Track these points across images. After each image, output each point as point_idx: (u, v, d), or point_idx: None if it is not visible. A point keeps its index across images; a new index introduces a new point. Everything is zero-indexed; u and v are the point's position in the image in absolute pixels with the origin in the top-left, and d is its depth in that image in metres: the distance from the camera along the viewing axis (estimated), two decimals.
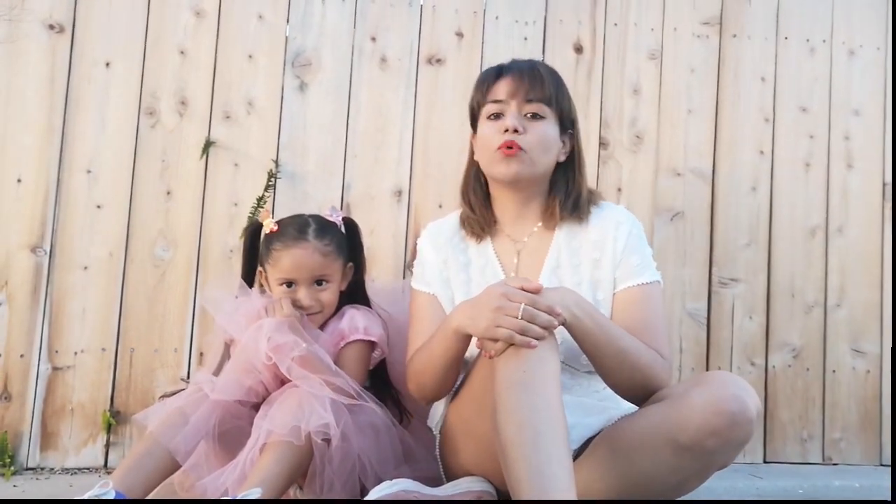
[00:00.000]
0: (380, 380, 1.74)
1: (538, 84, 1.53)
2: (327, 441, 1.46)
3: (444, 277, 1.61)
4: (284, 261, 1.68)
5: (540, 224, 1.60)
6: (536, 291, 1.30)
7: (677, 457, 1.28)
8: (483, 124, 1.57)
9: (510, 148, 1.50)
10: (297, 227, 1.71)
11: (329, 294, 1.71)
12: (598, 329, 1.37)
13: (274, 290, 1.71)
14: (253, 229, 1.78)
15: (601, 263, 1.55)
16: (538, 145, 1.52)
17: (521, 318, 1.26)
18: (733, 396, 1.24)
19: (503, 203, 1.62)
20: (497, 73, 1.57)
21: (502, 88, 1.54)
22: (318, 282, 1.70)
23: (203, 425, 1.49)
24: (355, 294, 1.79)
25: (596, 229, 1.57)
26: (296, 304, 1.67)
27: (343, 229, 1.78)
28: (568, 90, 1.59)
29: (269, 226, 1.72)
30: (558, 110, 1.55)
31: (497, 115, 1.54)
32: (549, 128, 1.54)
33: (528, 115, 1.53)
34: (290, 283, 1.69)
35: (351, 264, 1.78)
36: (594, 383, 1.52)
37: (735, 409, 1.23)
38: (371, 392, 1.66)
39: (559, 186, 1.59)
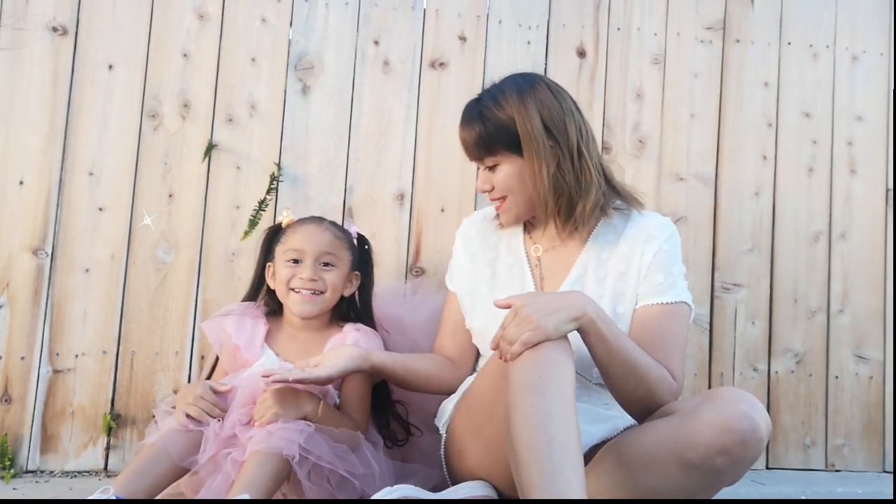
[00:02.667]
0: (381, 398, 1.72)
1: (473, 145, 1.56)
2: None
3: (468, 270, 1.67)
4: (296, 235, 1.71)
5: (570, 233, 1.58)
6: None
7: (685, 474, 1.26)
8: None
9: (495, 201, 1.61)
10: (314, 216, 1.79)
11: (334, 277, 1.69)
12: (611, 336, 1.36)
13: (279, 273, 1.70)
14: (273, 230, 1.79)
15: (626, 277, 1.53)
16: (508, 190, 1.56)
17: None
18: (744, 415, 1.23)
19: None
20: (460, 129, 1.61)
21: (466, 151, 1.61)
22: (325, 264, 1.69)
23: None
24: (360, 312, 1.78)
25: (627, 241, 1.56)
26: (300, 279, 1.67)
27: (355, 241, 1.79)
28: (516, 111, 1.50)
29: (287, 218, 1.77)
30: (503, 147, 1.53)
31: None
32: (510, 169, 1.54)
33: (489, 168, 1.57)
34: (296, 261, 1.68)
35: (357, 273, 1.77)
36: (604, 396, 1.51)
37: (745, 427, 1.22)
38: (372, 411, 1.67)
39: (558, 201, 1.54)
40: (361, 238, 1.82)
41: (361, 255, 1.79)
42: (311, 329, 1.72)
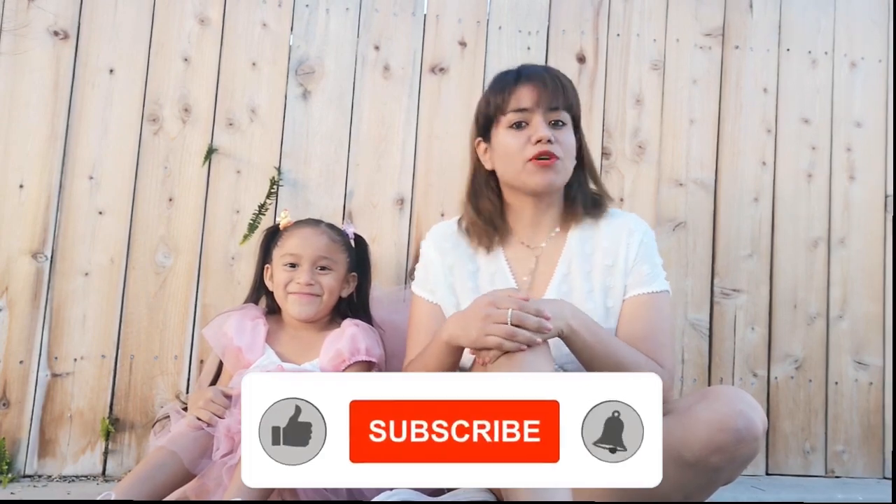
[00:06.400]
0: None
1: (560, 92, 1.52)
2: None
3: (448, 283, 1.58)
4: (292, 239, 1.72)
5: (558, 229, 1.58)
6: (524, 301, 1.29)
7: (681, 472, 1.26)
8: (504, 133, 1.52)
9: (547, 158, 1.49)
10: (311, 219, 1.80)
11: (331, 280, 1.71)
12: (595, 341, 1.36)
13: (276, 277, 1.71)
14: (271, 231, 1.81)
15: (613, 271, 1.53)
16: (567, 152, 1.52)
17: (511, 324, 1.25)
18: (740, 413, 1.23)
19: (519, 211, 1.58)
20: (516, 78, 1.54)
21: (526, 96, 1.50)
22: (321, 268, 1.71)
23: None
24: (358, 310, 1.79)
25: (608, 236, 1.56)
26: (296, 283, 1.68)
27: (353, 242, 1.80)
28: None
29: (285, 220, 1.78)
30: (574, 115, 1.56)
31: (520, 125, 1.51)
32: (570, 134, 1.54)
33: (552, 123, 1.51)
34: (293, 265, 1.70)
35: (354, 274, 1.78)
36: None
37: (741, 425, 1.22)
38: None
39: (574, 187, 1.58)
40: (358, 238, 1.83)
41: (359, 255, 1.81)
42: (311, 327, 1.73)
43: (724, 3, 2.30)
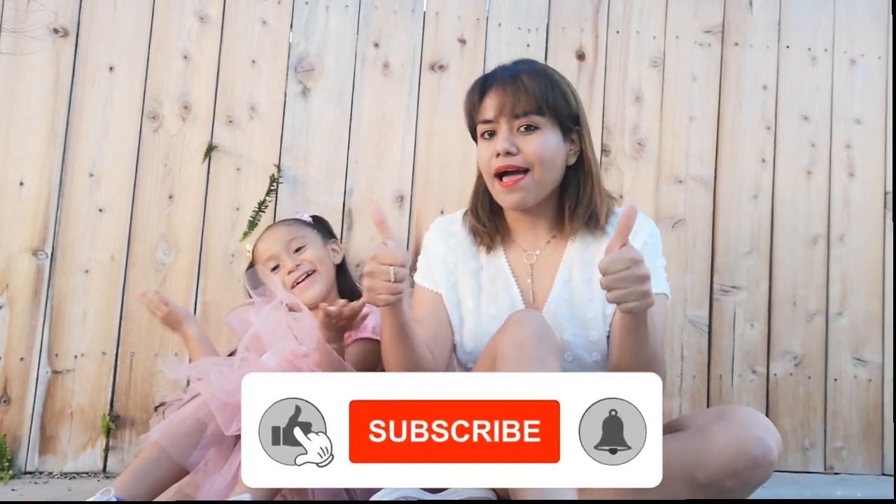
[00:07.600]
0: None
1: (522, 96, 1.41)
2: None
3: (451, 281, 1.53)
4: (259, 247, 1.80)
5: (554, 235, 1.52)
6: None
7: (692, 493, 1.25)
8: (480, 143, 1.48)
9: (512, 175, 1.42)
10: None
11: (312, 252, 1.77)
12: (652, 328, 1.33)
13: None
14: (249, 266, 1.85)
15: None
16: (538, 160, 1.41)
17: (394, 282, 1.26)
18: (758, 440, 1.22)
19: (513, 216, 1.54)
20: (482, 87, 1.47)
21: (489, 106, 1.44)
22: (297, 249, 1.77)
23: (217, 433, 1.48)
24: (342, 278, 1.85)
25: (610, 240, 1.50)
26: (288, 275, 1.73)
27: (309, 220, 1.88)
28: (566, 86, 1.47)
29: (249, 252, 1.86)
30: (554, 114, 1.43)
31: (491, 134, 1.45)
32: (546, 137, 1.42)
33: (521, 129, 1.42)
34: (276, 267, 1.76)
35: (335, 239, 1.86)
36: None
37: (758, 452, 1.22)
38: None
39: (570, 192, 1.48)
40: (315, 216, 1.92)
41: (325, 228, 1.90)
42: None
43: (723, 1, 2.30)
